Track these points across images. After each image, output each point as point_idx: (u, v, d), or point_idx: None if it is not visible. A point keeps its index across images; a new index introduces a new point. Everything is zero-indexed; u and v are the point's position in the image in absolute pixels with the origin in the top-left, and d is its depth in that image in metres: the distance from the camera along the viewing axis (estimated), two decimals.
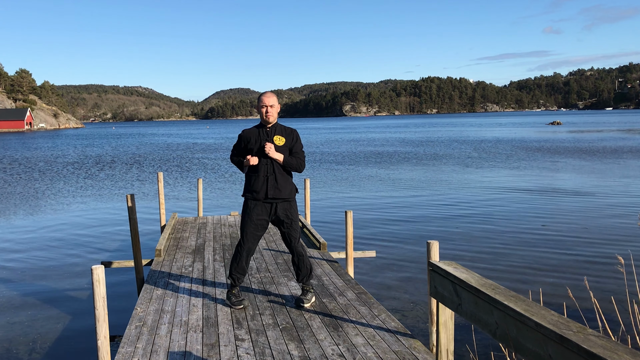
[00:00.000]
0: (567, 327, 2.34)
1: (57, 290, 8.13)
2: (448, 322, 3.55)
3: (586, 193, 16.11)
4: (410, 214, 13.57)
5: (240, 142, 4.70)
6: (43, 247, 11.02)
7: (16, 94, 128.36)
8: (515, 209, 13.88)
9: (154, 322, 4.35)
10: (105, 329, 3.70)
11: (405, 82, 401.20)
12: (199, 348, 3.80)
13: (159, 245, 6.79)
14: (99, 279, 3.67)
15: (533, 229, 11.38)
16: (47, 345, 6.09)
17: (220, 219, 9.29)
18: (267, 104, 4.55)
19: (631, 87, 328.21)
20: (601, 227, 11.44)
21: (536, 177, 20.34)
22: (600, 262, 8.74)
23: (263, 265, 6.15)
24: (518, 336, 2.61)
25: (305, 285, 4.76)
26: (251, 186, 4.60)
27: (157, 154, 39.17)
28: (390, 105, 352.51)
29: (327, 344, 3.82)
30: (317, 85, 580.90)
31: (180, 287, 5.31)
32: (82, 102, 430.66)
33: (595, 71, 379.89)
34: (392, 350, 3.67)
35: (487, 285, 2.99)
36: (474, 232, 11.21)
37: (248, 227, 4.60)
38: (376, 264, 8.89)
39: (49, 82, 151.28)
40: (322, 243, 6.81)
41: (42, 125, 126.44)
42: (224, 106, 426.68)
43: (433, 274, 3.61)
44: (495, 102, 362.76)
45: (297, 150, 4.64)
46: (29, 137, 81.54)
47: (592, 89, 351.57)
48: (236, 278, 4.68)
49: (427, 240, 3.87)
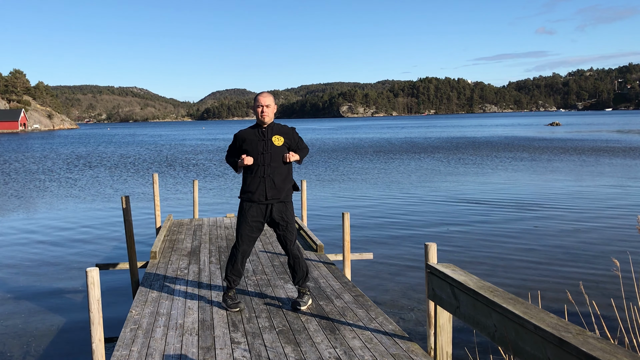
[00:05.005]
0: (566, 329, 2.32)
1: (52, 293, 8.06)
2: (446, 324, 3.53)
3: (586, 193, 16.15)
4: (408, 215, 13.56)
5: (235, 143, 4.68)
6: (37, 249, 10.95)
7: (10, 94, 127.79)
8: (515, 210, 13.90)
9: (149, 324, 4.31)
10: (100, 331, 3.66)
11: (402, 83, 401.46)
12: (195, 351, 3.77)
13: (154, 247, 6.75)
14: (94, 281, 3.64)
15: (532, 231, 11.39)
16: (41, 348, 6.03)
17: (216, 220, 9.25)
18: (263, 103, 4.52)
19: (631, 87, 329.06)
20: (600, 228, 11.46)
21: (535, 178, 20.39)
22: (600, 264, 8.75)
23: (259, 267, 6.12)
24: (517, 339, 2.59)
25: (302, 287, 4.73)
26: (247, 187, 4.57)
27: (153, 155, 39.06)
28: (388, 106, 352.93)
29: (323, 347, 3.79)
30: (313, 85, 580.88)
31: (176, 290, 5.28)
32: (77, 102, 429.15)
33: (594, 72, 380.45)
34: (389, 354, 3.65)
35: (485, 287, 2.97)
36: (472, 234, 11.21)
37: (243, 229, 4.57)
38: (373, 266, 8.87)
39: (43, 82, 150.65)
40: (318, 245, 6.79)
41: (36, 126, 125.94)
42: (220, 107, 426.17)
43: (431, 276, 3.59)
44: (493, 103, 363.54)
45: (300, 147, 4.71)
46: (23, 138, 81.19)
47: (591, 90, 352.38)
48: (232, 280, 4.65)
49: (425, 242, 3.85)
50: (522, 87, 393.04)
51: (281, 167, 4.54)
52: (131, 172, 26.74)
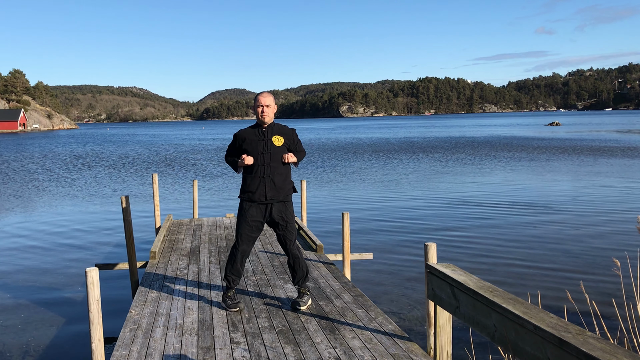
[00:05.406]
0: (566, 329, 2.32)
1: (51, 293, 8.06)
2: (446, 325, 3.53)
3: (586, 193, 16.15)
4: (407, 215, 13.56)
5: (235, 142, 4.68)
6: (36, 249, 10.94)
7: (9, 94, 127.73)
8: (514, 210, 13.90)
9: (149, 325, 4.31)
10: (100, 331, 3.66)
11: (402, 83, 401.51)
12: (194, 351, 3.77)
13: (153, 247, 6.74)
14: (93, 281, 3.63)
15: (531, 232, 11.39)
16: (40, 348, 6.03)
17: (216, 220, 9.24)
18: (263, 103, 4.52)
19: (630, 87, 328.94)
20: (601, 228, 11.46)
21: (534, 179, 20.39)
22: (600, 264, 8.75)
23: (259, 267, 6.12)
24: (517, 339, 2.59)
25: (302, 287, 4.73)
26: (247, 187, 4.57)
27: (152, 155, 39.05)
28: (388, 106, 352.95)
29: (323, 347, 3.79)
30: (313, 85, 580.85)
31: (176, 290, 5.27)
32: (76, 102, 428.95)
33: (594, 71, 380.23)
34: (389, 354, 3.65)
35: (485, 287, 2.97)
36: (472, 234, 11.21)
37: (243, 229, 4.57)
38: (373, 266, 8.87)
39: (43, 82, 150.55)
40: (318, 245, 6.78)
41: (35, 126, 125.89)
42: (220, 107, 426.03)
43: (431, 276, 3.58)
44: (493, 103, 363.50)
45: (298, 150, 4.72)
46: (22, 138, 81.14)
47: (591, 90, 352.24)
48: (231, 280, 4.65)
49: (425, 242, 3.85)
50: (522, 87, 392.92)
51: (281, 167, 4.54)
52: (130, 172, 26.73)
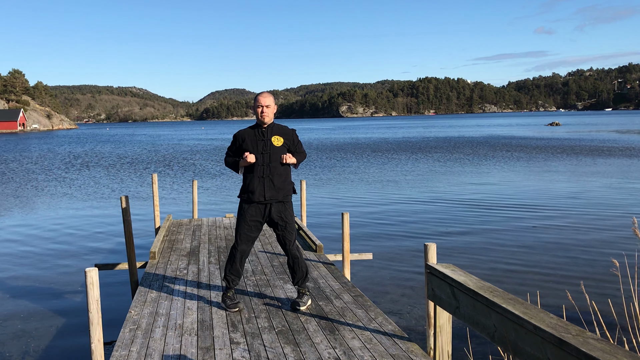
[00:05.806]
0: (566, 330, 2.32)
1: (50, 293, 8.05)
2: (445, 325, 3.52)
3: (585, 193, 16.15)
4: (407, 216, 13.56)
5: (235, 143, 4.67)
6: (35, 249, 10.93)
7: (9, 94, 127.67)
8: (514, 210, 13.90)
9: (149, 325, 4.30)
10: (99, 332, 3.66)
11: (402, 83, 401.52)
12: (194, 351, 3.76)
13: (153, 247, 6.74)
14: (93, 281, 3.63)
15: (531, 232, 11.39)
16: (40, 348, 6.02)
17: (215, 221, 9.24)
18: (263, 103, 4.52)
19: (630, 87, 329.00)
20: (599, 229, 11.46)
21: (534, 179, 20.39)
22: (599, 265, 8.75)
23: (258, 267, 6.11)
24: (516, 339, 2.59)
25: (301, 288, 4.72)
26: (247, 187, 4.56)
27: (151, 155, 39.03)
28: (387, 106, 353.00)
29: (323, 347, 3.79)
30: (313, 85, 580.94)
31: (175, 290, 5.27)
32: (76, 102, 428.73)
33: (594, 72, 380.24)
34: (389, 354, 3.64)
35: (485, 288, 2.97)
36: (472, 234, 11.21)
37: (242, 229, 4.57)
38: (373, 266, 8.87)
39: (42, 82, 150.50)
40: (318, 245, 6.78)
41: (35, 126, 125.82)
42: (219, 107, 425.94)
43: (430, 276, 3.58)
44: (493, 103, 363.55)
45: (298, 151, 4.71)
46: (21, 138, 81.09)
47: (591, 90, 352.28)
48: (231, 280, 4.64)
49: (425, 243, 3.85)
50: (522, 87, 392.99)
51: (280, 167, 4.54)
52: (130, 172, 26.72)
